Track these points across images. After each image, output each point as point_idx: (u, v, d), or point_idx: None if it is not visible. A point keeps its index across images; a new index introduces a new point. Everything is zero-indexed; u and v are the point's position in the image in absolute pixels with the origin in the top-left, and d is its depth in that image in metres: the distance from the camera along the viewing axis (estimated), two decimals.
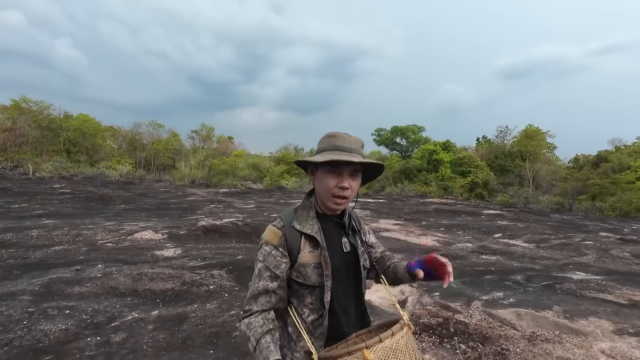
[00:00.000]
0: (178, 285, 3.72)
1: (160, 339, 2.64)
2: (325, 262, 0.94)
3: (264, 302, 0.92)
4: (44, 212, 8.47)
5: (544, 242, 8.00)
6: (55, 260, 4.49)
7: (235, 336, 2.76)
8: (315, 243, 0.97)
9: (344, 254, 1.02)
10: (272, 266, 0.93)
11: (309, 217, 0.99)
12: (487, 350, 2.70)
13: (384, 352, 0.81)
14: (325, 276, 0.94)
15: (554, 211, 19.20)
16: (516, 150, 34.80)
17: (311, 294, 0.96)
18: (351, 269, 1.04)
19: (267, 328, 0.88)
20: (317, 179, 0.99)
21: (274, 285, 0.92)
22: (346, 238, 1.05)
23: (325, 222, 1.02)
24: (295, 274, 0.96)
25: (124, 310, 3.10)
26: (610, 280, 4.82)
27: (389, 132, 42.64)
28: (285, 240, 0.95)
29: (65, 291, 3.42)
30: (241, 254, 5.34)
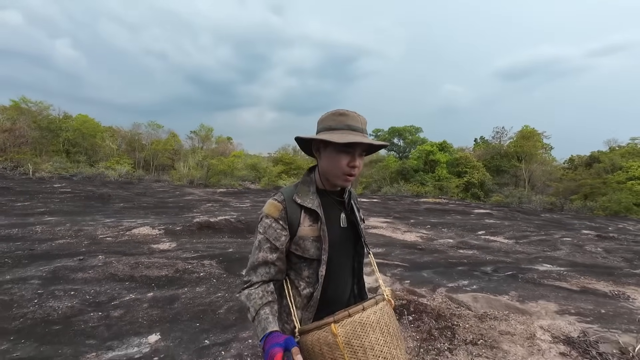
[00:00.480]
0: (171, 273, 4.14)
1: (154, 314, 3.05)
2: (324, 236, 0.97)
3: (263, 272, 0.95)
4: (46, 210, 8.87)
5: (523, 238, 8.42)
6: (59, 252, 4.90)
7: (219, 313, 3.17)
8: (315, 217, 0.99)
9: (342, 229, 1.04)
10: (272, 238, 0.95)
11: (309, 191, 1.02)
12: (439, 325, 3.11)
13: (352, 326, 0.82)
14: (323, 250, 0.96)
15: (546, 211, 19.61)
16: (512, 150, 35.24)
17: (309, 267, 0.99)
18: (349, 244, 1.06)
19: (267, 300, 0.90)
20: (326, 157, 0.99)
21: (273, 256, 0.95)
22: (344, 214, 1.07)
23: (325, 197, 1.04)
24: (295, 246, 0.98)
25: (122, 292, 3.51)
26: (572, 271, 5.24)
27: (386, 132, 43.08)
28: (285, 214, 0.97)
29: (70, 276, 3.83)
30: (232, 248, 5.75)
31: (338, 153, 0.95)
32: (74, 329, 2.73)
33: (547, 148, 40.32)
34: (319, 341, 0.83)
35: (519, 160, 34.47)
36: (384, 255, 5.78)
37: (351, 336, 0.81)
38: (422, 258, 5.72)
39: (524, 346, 2.80)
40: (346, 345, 0.81)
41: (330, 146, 0.97)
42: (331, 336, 0.82)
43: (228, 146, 54.80)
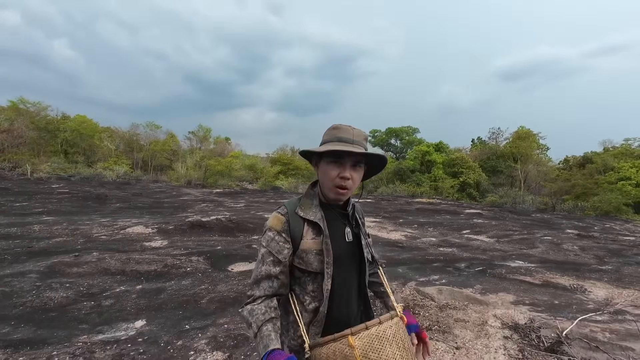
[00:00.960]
0: (160, 267, 4.46)
1: (141, 304, 3.37)
2: (326, 249, 0.96)
3: (267, 287, 0.94)
4: (44, 210, 9.19)
5: (505, 237, 8.75)
6: (56, 249, 5.22)
7: (201, 303, 3.50)
8: (317, 230, 0.99)
9: (347, 243, 1.03)
10: (275, 251, 0.95)
11: (312, 204, 1.02)
12: None
13: (369, 339, 0.83)
14: (326, 263, 0.96)
15: (538, 211, 19.96)
16: (508, 151, 35.60)
17: (313, 282, 0.98)
18: (354, 259, 1.05)
19: (269, 316, 0.90)
20: (320, 170, 1.01)
21: (276, 270, 0.95)
22: (349, 228, 1.06)
23: (329, 211, 1.04)
24: (298, 260, 0.98)
25: (113, 284, 3.83)
26: (541, 267, 5.57)
27: (383, 133, 43.43)
28: (288, 226, 0.97)
29: (66, 271, 4.15)
30: (220, 245, 6.07)
31: (328, 164, 0.97)
32: (68, 316, 3.05)
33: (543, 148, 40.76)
34: (334, 353, 0.83)
35: (514, 160, 34.84)
36: None
37: (368, 349, 0.82)
38: (401, 255, 6.04)
39: (474, 331, 3.12)
40: (363, 358, 0.81)
41: (323, 159, 0.99)
42: (348, 348, 0.82)
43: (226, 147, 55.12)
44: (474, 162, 34.46)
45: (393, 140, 43.62)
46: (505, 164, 34.30)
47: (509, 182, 33.54)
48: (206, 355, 2.46)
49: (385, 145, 44.34)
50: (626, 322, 3.42)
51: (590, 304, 3.96)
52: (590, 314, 3.53)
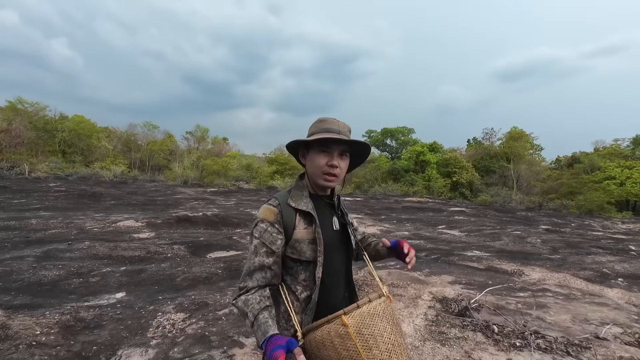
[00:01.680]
0: (144, 253, 5.03)
1: (123, 280, 3.94)
2: (319, 238, 1.00)
3: (260, 277, 0.96)
4: (41, 206, 9.75)
5: (477, 231, 9.32)
6: (51, 239, 5.79)
7: (175, 281, 4.06)
8: (309, 219, 1.03)
9: (334, 231, 1.07)
10: (268, 242, 0.97)
11: (302, 195, 1.06)
12: None
13: (361, 317, 0.87)
14: (319, 252, 0.99)
15: (526, 209, 20.53)
16: (501, 151, 36.16)
17: (305, 270, 1.01)
18: (342, 246, 1.09)
19: (265, 304, 0.92)
20: (309, 160, 1.06)
21: (269, 260, 0.97)
22: (336, 217, 1.10)
23: (317, 201, 1.08)
24: (290, 250, 1.00)
25: (100, 266, 4.40)
26: (493, 256, 6.14)
27: (379, 133, 43.99)
28: (281, 217, 1.00)
29: (59, 255, 4.72)
30: (203, 237, 6.64)
31: (317, 154, 1.02)
32: (60, 289, 3.61)
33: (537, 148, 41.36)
34: (329, 334, 0.87)
35: (507, 160, 35.41)
36: None
37: (361, 325, 0.86)
38: None
39: (406, 303, 3.69)
40: (357, 335, 0.85)
41: (311, 149, 1.04)
42: (342, 327, 0.86)
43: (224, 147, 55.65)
44: (467, 162, 35.03)
45: (389, 140, 44.17)
46: (498, 164, 34.86)
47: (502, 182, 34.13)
48: (170, 315, 3.03)
49: (381, 146, 44.91)
50: (540, 297, 3.99)
51: (519, 284, 4.53)
52: (495, 287, 4.14)
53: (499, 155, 36.11)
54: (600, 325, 3.24)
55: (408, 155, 36.48)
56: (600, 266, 5.63)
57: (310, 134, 1.05)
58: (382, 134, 43.65)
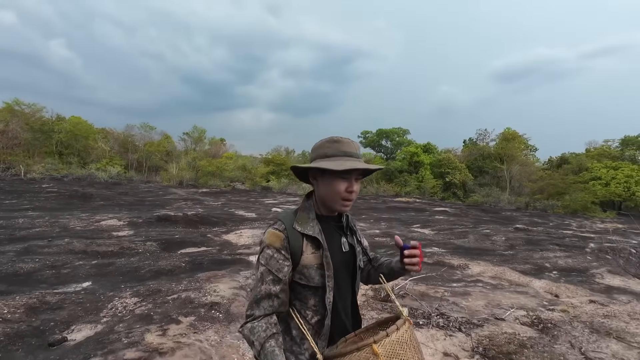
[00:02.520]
0: (117, 249, 5.50)
1: (92, 272, 4.40)
2: (327, 263, 0.99)
3: (267, 306, 0.95)
4: (30, 207, 10.22)
5: (447, 230, 9.77)
6: (34, 236, 6.26)
7: (140, 272, 4.52)
8: (317, 244, 1.01)
9: (343, 253, 1.06)
10: (275, 269, 0.96)
11: (309, 218, 1.04)
12: None
13: (391, 346, 0.87)
14: (327, 277, 0.98)
15: (514, 210, 20.97)
16: (495, 152, 36.59)
17: (314, 296, 1.00)
18: (349, 268, 1.08)
19: (271, 332, 0.91)
20: (324, 184, 1.02)
21: (276, 288, 0.96)
22: (345, 238, 1.09)
23: (325, 223, 1.06)
24: (299, 276, 0.99)
25: (74, 260, 4.87)
26: (448, 252, 6.59)
27: (374, 134, 44.45)
28: (287, 243, 0.98)
29: (38, 251, 5.18)
30: (179, 235, 7.10)
31: (336, 179, 0.99)
32: (33, 279, 4.08)
33: (531, 149, 41.79)
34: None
35: (501, 161, 35.84)
36: None
37: (392, 355, 0.85)
38: None
39: None
40: None
41: (327, 173, 1.00)
42: (373, 357, 0.85)
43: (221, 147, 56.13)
44: (460, 163, 35.47)
45: (384, 141, 44.63)
46: (492, 165, 35.29)
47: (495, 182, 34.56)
48: (125, 300, 3.49)
49: (376, 146, 45.35)
50: (471, 287, 4.44)
51: (458, 275, 4.98)
52: (420, 276, 4.64)
53: (492, 156, 36.56)
54: (508, 309, 3.69)
55: (402, 156, 36.98)
56: (544, 261, 6.09)
57: (324, 155, 1.01)
58: (377, 134, 44.13)
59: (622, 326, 3.26)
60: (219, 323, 3.09)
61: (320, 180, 1.03)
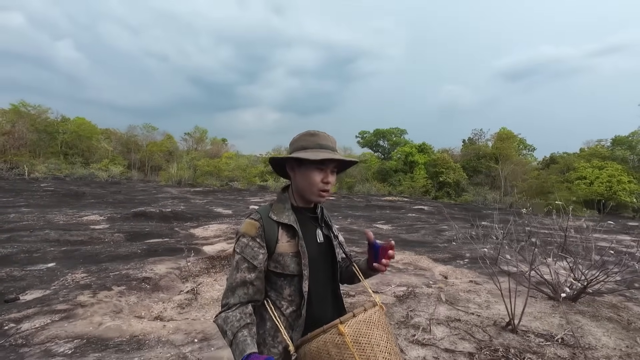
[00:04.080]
0: (86, 239, 6.42)
1: (58, 256, 5.31)
2: (302, 251, 1.02)
3: (242, 294, 0.98)
4: (25, 204, 11.26)
5: (406, 226, 10.53)
6: (19, 228, 7.22)
7: (100, 257, 5.41)
8: (292, 233, 1.05)
9: (319, 244, 1.10)
10: (250, 257, 0.99)
11: (284, 208, 1.08)
12: (216, 263, 5.30)
13: (357, 325, 0.90)
14: (303, 265, 1.01)
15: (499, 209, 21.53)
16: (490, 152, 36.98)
17: (290, 285, 1.03)
18: (327, 259, 1.12)
19: (245, 322, 0.93)
20: (301, 175, 1.06)
21: (251, 276, 0.98)
22: (320, 230, 1.13)
23: (300, 214, 1.10)
24: (274, 264, 1.02)
25: (46, 247, 5.79)
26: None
27: (371, 134, 45.11)
28: (263, 231, 1.01)
29: (19, 239, 6.13)
30: (149, 228, 8.01)
31: (312, 170, 1.04)
32: (7, 260, 5.00)
33: (529, 148, 42.05)
34: (325, 344, 0.89)
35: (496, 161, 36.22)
36: None
37: (358, 334, 0.88)
38: None
39: None
40: (355, 344, 0.87)
41: (304, 164, 1.05)
42: (339, 337, 0.87)
43: (222, 147, 57.33)
44: (455, 163, 35.96)
45: (381, 141, 45.26)
46: (486, 164, 35.70)
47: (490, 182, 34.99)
48: (75, 275, 4.37)
49: (374, 146, 46.01)
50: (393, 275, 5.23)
51: None
52: None
53: (488, 155, 36.95)
54: (392, 285, 4.49)
55: (397, 156, 37.64)
56: (466, 252, 6.84)
57: (302, 147, 1.06)
58: (374, 135, 44.77)
59: (467, 297, 4.04)
60: (144, 291, 3.96)
61: (297, 171, 1.08)
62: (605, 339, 3.13)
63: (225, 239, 7.25)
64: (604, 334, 3.22)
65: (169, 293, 4.06)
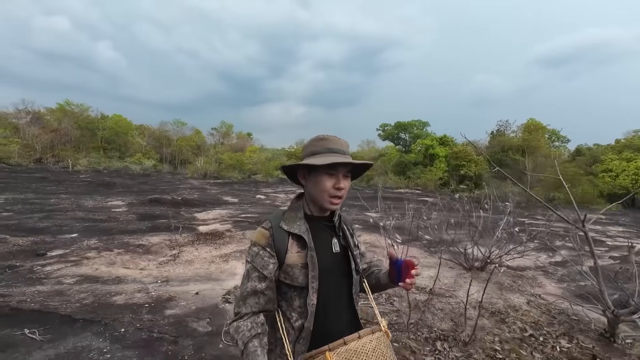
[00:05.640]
0: (106, 218, 7.94)
1: (81, 229, 6.81)
2: (312, 263, 1.00)
3: (253, 303, 0.99)
4: (64, 191, 13.31)
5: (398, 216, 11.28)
6: (56, 210, 8.94)
7: (112, 230, 6.84)
8: (302, 243, 1.03)
9: (334, 254, 1.07)
10: (260, 267, 0.99)
11: (297, 217, 1.06)
12: (202, 237, 6.51)
13: (347, 355, 0.86)
14: (311, 277, 0.99)
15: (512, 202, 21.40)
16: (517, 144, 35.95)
17: (299, 296, 1.02)
18: (342, 270, 1.08)
19: (255, 332, 0.94)
20: (312, 182, 1.05)
21: (262, 285, 0.99)
22: (336, 239, 1.10)
23: (314, 223, 1.08)
24: (283, 275, 1.02)
25: (74, 223, 7.34)
26: (362, 228, 8.28)
27: (392, 127, 45.18)
28: (272, 241, 1.01)
29: (53, 217, 7.76)
30: (159, 212, 9.48)
31: (323, 176, 1.02)
32: (44, 231, 6.54)
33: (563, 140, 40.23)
34: None
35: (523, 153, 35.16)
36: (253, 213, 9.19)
37: None
38: None
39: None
40: None
41: (314, 170, 1.03)
42: None
43: (247, 141, 59.79)
44: (478, 156, 35.37)
45: (402, 134, 45.20)
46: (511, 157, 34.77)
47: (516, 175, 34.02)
48: (90, 242, 5.76)
49: (395, 139, 46.08)
50: None
51: None
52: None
53: (514, 148, 35.92)
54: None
55: (417, 149, 37.61)
56: (434, 237, 7.60)
57: (312, 153, 1.05)
58: (395, 127, 44.78)
59: None
60: (136, 253, 5.26)
61: (308, 179, 1.07)
62: (477, 294, 3.94)
63: (220, 221, 8.52)
64: (477, 290, 4.04)
65: (155, 256, 5.33)
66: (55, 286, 3.75)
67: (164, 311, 3.21)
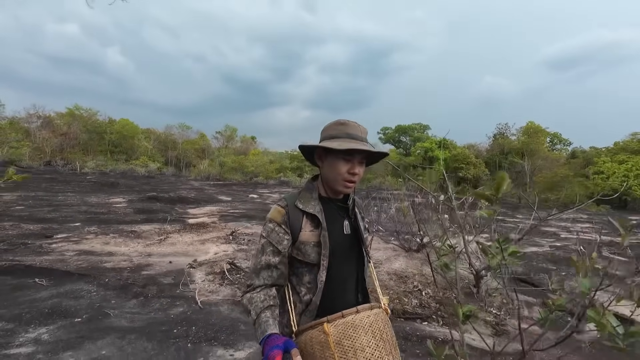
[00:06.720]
0: (105, 212, 9.00)
1: (84, 219, 7.87)
2: (324, 241, 1.05)
3: (266, 276, 1.04)
4: (71, 190, 14.50)
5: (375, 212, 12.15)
6: (63, 205, 10.04)
7: (112, 220, 7.87)
8: (316, 222, 1.08)
9: (345, 235, 1.12)
10: (275, 242, 1.05)
11: (311, 198, 1.11)
12: (187, 227, 7.48)
13: (344, 327, 0.90)
14: (323, 255, 1.05)
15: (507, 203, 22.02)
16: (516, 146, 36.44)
17: (310, 273, 1.07)
18: (352, 251, 1.13)
19: (268, 304, 0.99)
20: (328, 165, 1.09)
21: (276, 260, 1.04)
22: (348, 221, 1.14)
23: (328, 204, 1.13)
24: (296, 251, 1.07)
25: (77, 215, 8.42)
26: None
27: (393, 130, 46.02)
28: (287, 218, 1.06)
29: (60, 210, 8.85)
30: (156, 207, 10.52)
31: (339, 160, 1.05)
32: (52, 221, 7.61)
33: (565, 143, 40.62)
34: (311, 340, 0.92)
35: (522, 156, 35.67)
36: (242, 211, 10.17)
37: (342, 336, 0.89)
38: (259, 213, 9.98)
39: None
40: (337, 345, 0.88)
41: (331, 153, 1.07)
42: (323, 335, 0.90)
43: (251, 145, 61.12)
44: (477, 159, 35.97)
45: (403, 137, 46.00)
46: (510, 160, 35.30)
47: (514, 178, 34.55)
48: (90, 229, 6.79)
49: (396, 142, 46.89)
50: None
51: None
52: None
53: (514, 150, 36.42)
54: None
55: (417, 152, 38.36)
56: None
57: (331, 137, 1.09)
58: (395, 131, 45.62)
59: None
60: (128, 237, 6.26)
61: (324, 161, 1.11)
62: (398, 265, 4.84)
63: (208, 216, 9.52)
64: (401, 264, 4.93)
65: (144, 240, 6.32)
66: (59, 256, 4.76)
67: (140, 272, 4.19)
